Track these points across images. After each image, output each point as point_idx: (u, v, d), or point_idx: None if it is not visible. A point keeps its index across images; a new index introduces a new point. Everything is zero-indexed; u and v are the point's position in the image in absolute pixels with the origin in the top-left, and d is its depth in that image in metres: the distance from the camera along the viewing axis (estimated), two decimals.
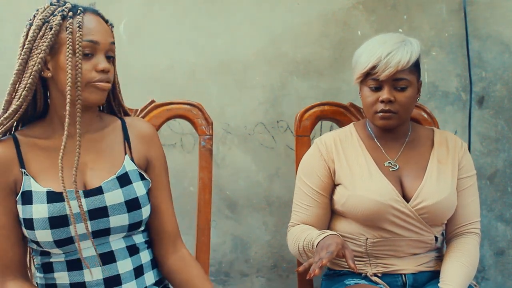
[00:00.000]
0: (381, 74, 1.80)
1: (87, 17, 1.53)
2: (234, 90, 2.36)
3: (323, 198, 1.91)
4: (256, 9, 2.35)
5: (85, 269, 1.53)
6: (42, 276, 1.58)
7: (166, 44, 2.33)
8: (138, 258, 1.62)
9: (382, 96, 1.82)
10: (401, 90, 1.83)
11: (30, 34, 1.51)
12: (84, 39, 1.50)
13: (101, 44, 1.52)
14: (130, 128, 1.65)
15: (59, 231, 1.50)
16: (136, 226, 1.59)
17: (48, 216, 1.49)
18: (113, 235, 1.56)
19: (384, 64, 1.79)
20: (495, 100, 2.42)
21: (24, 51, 1.51)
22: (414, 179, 1.87)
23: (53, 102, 1.57)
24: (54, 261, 1.55)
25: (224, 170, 2.36)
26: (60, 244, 1.51)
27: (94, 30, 1.52)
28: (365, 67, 1.82)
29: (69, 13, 1.51)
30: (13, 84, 1.53)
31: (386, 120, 1.85)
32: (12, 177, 1.53)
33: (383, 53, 1.80)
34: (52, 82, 1.54)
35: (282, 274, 2.40)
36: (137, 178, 1.60)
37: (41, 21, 1.51)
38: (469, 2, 2.39)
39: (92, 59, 1.52)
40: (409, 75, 1.83)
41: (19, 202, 1.52)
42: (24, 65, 1.52)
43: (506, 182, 2.44)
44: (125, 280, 1.57)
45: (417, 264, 1.88)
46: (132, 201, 1.57)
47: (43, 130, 1.58)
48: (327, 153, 1.91)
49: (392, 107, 1.83)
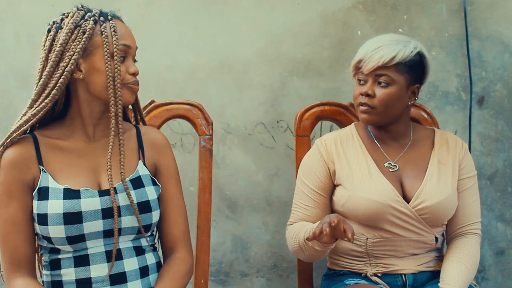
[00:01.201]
0: (364, 68, 1.85)
1: (116, 22, 1.61)
2: (234, 90, 2.36)
3: (322, 198, 1.91)
4: (256, 9, 2.35)
5: (92, 265, 1.58)
6: (48, 274, 1.62)
7: (166, 44, 2.33)
8: (144, 259, 1.66)
9: (361, 90, 1.86)
10: (383, 86, 1.84)
11: (62, 37, 1.56)
12: (120, 43, 1.57)
13: (132, 48, 1.61)
14: (144, 136, 1.72)
15: (72, 227, 1.55)
16: (145, 229, 1.63)
17: (62, 212, 1.54)
18: (123, 236, 1.61)
19: (368, 58, 1.84)
20: (495, 100, 2.42)
21: (56, 53, 1.56)
22: (414, 180, 1.87)
23: (77, 104, 1.63)
24: (62, 257, 1.59)
25: (224, 170, 2.36)
26: (72, 241, 1.56)
27: (126, 35, 1.61)
28: (355, 60, 1.89)
29: (100, 18, 1.59)
30: (42, 85, 1.58)
31: (365, 114, 1.88)
32: (31, 175, 1.58)
33: (370, 48, 1.85)
34: (82, 84, 1.60)
35: (282, 274, 2.40)
36: (149, 183, 1.67)
37: (73, 25, 1.57)
38: (469, 2, 2.39)
39: (124, 62, 1.60)
40: (394, 73, 1.83)
41: (35, 197, 1.58)
42: (55, 67, 1.57)
43: (506, 182, 2.44)
44: (130, 278, 1.61)
45: (417, 264, 1.88)
46: (144, 204, 1.62)
47: (62, 131, 1.64)
48: (327, 154, 1.91)
49: (369, 101, 1.86)
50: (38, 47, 1.63)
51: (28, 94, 2.35)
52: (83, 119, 1.63)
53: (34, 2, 2.29)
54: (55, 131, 1.64)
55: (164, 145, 1.73)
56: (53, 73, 1.57)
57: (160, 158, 1.72)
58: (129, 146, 1.68)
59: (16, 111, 2.28)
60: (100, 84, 1.57)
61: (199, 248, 1.97)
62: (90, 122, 1.62)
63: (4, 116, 2.30)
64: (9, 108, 2.30)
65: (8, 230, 1.57)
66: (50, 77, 1.57)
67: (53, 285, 1.61)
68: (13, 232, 1.57)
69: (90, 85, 1.58)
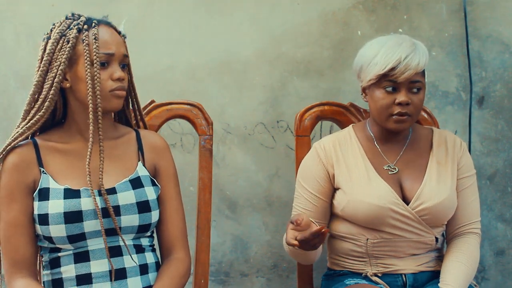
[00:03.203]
0: (399, 76, 1.78)
1: (101, 29, 1.62)
2: (234, 90, 2.36)
3: (322, 202, 1.90)
4: (256, 9, 2.35)
5: (93, 260, 1.60)
6: (49, 273, 1.64)
7: (166, 44, 2.33)
8: (144, 257, 1.68)
9: (400, 99, 1.80)
10: (416, 92, 1.82)
11: (49, 47, 1.60)
12: (100, 51, 1.58)
13: (115, 55, 1.61)
14: (144, 139, 1.74)
15: (72, 226, 1.57)
16: (144, 228, 1.66)
17: (63, 211, 1.57)
18: (123, 235, 1.63)
19: (404, 66, 1.77)
20: (495, 100, 2.42)
21: (43, 63, 1.59)
22: (413, 181, 1.87)
23: (71, 111, 1.66)
24: (62, 255, 1.61)
25: (224, 170, 2.36)
26: (72, 239, 1.58)
27: (109, 42, 1.61)
28: (384, 68, 1.79)
29: (84, 26, 1.60)
30: (32, 94, 1.61)
31: (400, 124, 1.83)
32: (32, 177, 1.62)
33: (402, 55, 1.78)
34: (71, 92, 1.63)
35: (282, 274, 2.40)
36: (149, 183, 1.69)
37: (59, 35, 1.60)
38: (469, 2, 2.39)
39: (107, 68, 1.61)
40: (422, 78, 1.83)
41: (36, 198, 1.60)
42: (43, 77, 1.60)
43: (506, 182, 2.44)
44: (130, 274, 1.63)
45: (417, 264, 1.88)
46: (143, 203, 1.65)
47: (61, 135, 1.68)
48: (326, 157, 1.90)
49: (408, 109, 1.81)
50: (38, 47, 1.64)
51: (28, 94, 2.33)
52: (79, 124, 1.66)
53: (34, 2, 2.29)
54: (55, 135, 1.68)
55: (163, 148, 1.76)
56: (42, 83, 1.60)
57: (159, 160, 1.74)
58: (129, 149, 1.72)
59: (16, 111, 2.29)
60: (84, 92, 1.59)
61: (199, 248, 1.97)
62: (85, 127, 1.64)
63: (4, 116, 2.30)
64: (9, 108, 2.30)
65: (10, 232, 1.59)
66: (41, 87, 1.60)
67: (54, 283, 1.62)
68: (15, 234, 1.59)
69: (76, 93, 1.62)
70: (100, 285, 1.59)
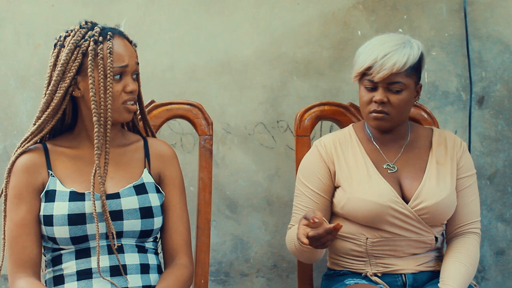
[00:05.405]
0: (375, 76, 1.80)
1: (115, 41, 1.64)
2: (234, 90, 2.36)
3: (323, 200, 1.90)
4: (256, 9, 2.35)
5: (93, 256, 1.62)
6: (50, 270, 1.66)
7: (166, 44, 2.33)
8: (146, 257, 1.69)
9: (375, 97, 1.82)
10: (395, 92, 1.82)
11: (63, 57, 1.62)
12: (114, 65, 1.61)
13: (129, 67, 1.64)
14: (151, 148, 1.76)
15: (76, 228, 1.60)
16: (147, 234, 1.68)
17: (67, 213, 1.60)
18: (125, 239, 1.65)
19: (379, 66, 1.79)
20: (495, 100, 2.42)
21: (57, 73, 1.62)
22: (413, 180, 1.87)
23: (81, 117, 1.69)
24: (64, 253, 1.64)
25: (224, 170, 2.36)
26: (76, 241, 1.61)
27: (123, 54, 1.64)
28: (361, 67, 1.82)
29: (99, 37, 1.61)
30: (46, 103, 1.64)
31: (379, 121, 1.85)
32: (41, 179, 1.65)
33: (379, 54, 1.79)
34: (82, 101, 1.66)
35: (282, 274, 2.40)
36: (153, 190, 1.71)
37: (73, 45, 1.62)
38: (469, 2, 2.39)
39: (121, 81, 1.64)
40: (405, 78, 1.82)
41: (42, 200, 1.64)
42: (57, 86, 1.63)
43: (506, 182, 2.44)
44: (130, 271, 1.64)
45: (417, 264, 1.88)
46: (146, 209, 1.67)
47: (70, 141, 1.71)
48: (327, 155, 1.91)
49: (384, 108, 1.83)
50: (38, 47, 1.65)
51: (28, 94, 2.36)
52: (88, 131, 1.69)
53: (34, 2, 2.29)
54: (65, 141, 1.71)
55: (170, 157, 1.77)
56: (55, 92, 1.62)
57: (165, 169, 1.75)
58: (136, 156, 1.74)
59: (16, 111, 2.30)
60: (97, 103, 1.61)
61: (199, 248, 1.97)
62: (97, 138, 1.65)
63: (4, 116, 2.30)
64: (9, 108, 2.30)
65: (18, 232, 1.62)
66: (53, 95, 1.63)
67: (55, 280, 1.64)
68: (22, 234, 1.62)
69: (88, 103, 1.64)
70: (100, 280, 1.60)
